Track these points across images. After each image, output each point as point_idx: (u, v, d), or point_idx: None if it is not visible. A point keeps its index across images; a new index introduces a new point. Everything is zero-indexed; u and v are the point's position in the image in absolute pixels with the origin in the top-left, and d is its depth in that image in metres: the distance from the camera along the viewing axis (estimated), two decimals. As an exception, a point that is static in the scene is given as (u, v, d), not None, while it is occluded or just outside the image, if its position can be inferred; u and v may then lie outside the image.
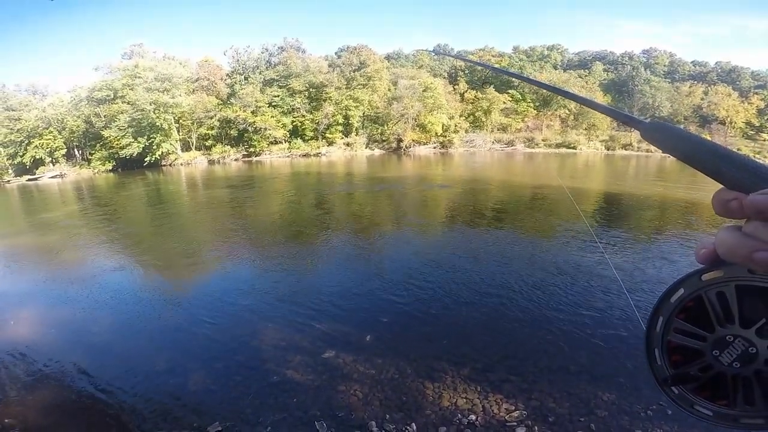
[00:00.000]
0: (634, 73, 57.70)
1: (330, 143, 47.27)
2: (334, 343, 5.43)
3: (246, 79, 46.19)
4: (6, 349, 5.72)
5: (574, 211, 13.53)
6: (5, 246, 12.39)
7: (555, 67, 63.12)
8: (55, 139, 40.48)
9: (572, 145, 46.55)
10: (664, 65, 64.07)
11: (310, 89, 46.35)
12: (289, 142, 46.52)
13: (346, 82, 48.36)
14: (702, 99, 52.45)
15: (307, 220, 13.98)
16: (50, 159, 41.12)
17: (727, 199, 0.33)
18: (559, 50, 68.39)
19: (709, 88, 54.05)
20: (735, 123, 50.14)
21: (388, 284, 7.39)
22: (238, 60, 48.22)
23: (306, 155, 45.06)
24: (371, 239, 11.29)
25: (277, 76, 46.33)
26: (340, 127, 47.51)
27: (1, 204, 26.11)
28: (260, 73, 46.93)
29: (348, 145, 47.60)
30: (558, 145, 47.40)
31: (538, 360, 4.90)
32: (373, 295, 6.99)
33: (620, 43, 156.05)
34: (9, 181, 38.74)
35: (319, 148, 46.10)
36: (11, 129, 38.81)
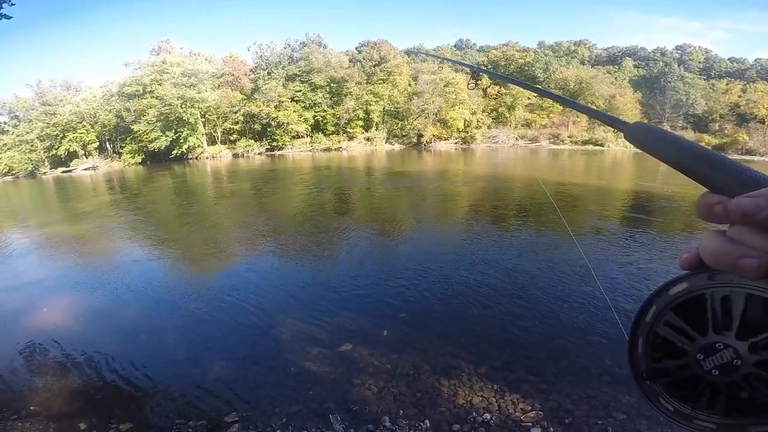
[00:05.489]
0: (666, 70, 55.43)
1: (351, 138, 47.53)
2: (352, 337, 5.46)
3: (269, 74, 46.77)
4: (37, 336, 5.99)
5: (605, 213, 13.17)
6: (41, 235, 12.99)
7: (582, 63, 61.29)
8: (88, 133, 42.14)
9: (599, 143, 45.13)
10: (699, 62, 61.33)
11: (332, 84, 46.61)
12: (311, 136, 47.04)
13: (366, 77, 48.44)
14: (740, 97, 49.92)
15: (327, 215, 14.08)
16: (83, 152, 42.87)
17: (712, 203, 0.32)
18: (587, 45, 66.38)
19: (747, 85, 51.42)
20: (776, 122, 47.56)
21: (406, 280, 7.38)
22: (261, 56, 48.84)
23: (327, 149, 45.47)
24: (390, 235, 11.29)
25: (299, 71, 46.74)
26: (360, 122, 47.70)
27: (37, 195, 27.39)
28: (283, 69, 47.44)
29: (368, 139, 47.70)
30: (584, 142, 46.03)
31: (559, 361, 4.80)
32: (391, 290, 6.99)
33: (654, 40, 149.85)
34: (45, 173, 40.59)
35: (340, 142, 46.41)
36: (47, 123, 40.57)
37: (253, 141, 46.01)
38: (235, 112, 44.51)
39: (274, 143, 45.68)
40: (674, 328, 0.37)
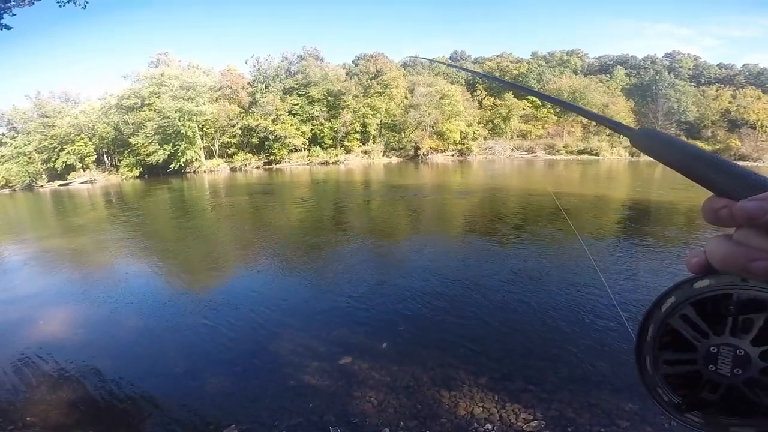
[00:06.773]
0: (657, 77, 56.24)
1: (348, 151, 47.81)
2: (351, 350, 5.43)
3: (267, 87, 47.21)
4: (34, 348, 5.93)
5: (605, 221, 13.24)
6: (38, 248, 12.93)
7: (575, 72, 62.15)
8: (85, 146, 42.20)
9: (595, 152, 45.57)
10: (689, 69, 62.27)
11: (329, 97, 47.07)
12: (308, 149, 47.27)
13: (363, 90, 48.92)
14: (730, 103, 50.68)
15: (325, 228, 14.10)
16: (81, 165, 42.88)
17: (717, 207, 0.33)
18: (579, 55, 67.33)
19: (737, 91, 52.24)
20: (766, 127, 48.21)
21: (404, 292, 7.36)
22: (259, 69, 49.34)
23: (325, 163, 45.67)
24: (388, 247, 11.30)
25: (296, 84, 47.20)
26: (357, 135, 48.02)
27: (34, 208, 27.31)
28: (280, 82, 47.90)
29: (365, 153, 47.99)
30: (580, 152, 46.48)
31: (559, 370, 4.78)
32: (389, 302, 6.97)
33: (645, 46, 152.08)
34: (42, 185, 40.55)
35: (337, 156, 46.67)
36: (45, 135, 40.67)
37: (250, 154, 46.22)
38: (233, 126, 44.80)
39: (272, 157, 45.88)
40: (689, 323, 0.37)
